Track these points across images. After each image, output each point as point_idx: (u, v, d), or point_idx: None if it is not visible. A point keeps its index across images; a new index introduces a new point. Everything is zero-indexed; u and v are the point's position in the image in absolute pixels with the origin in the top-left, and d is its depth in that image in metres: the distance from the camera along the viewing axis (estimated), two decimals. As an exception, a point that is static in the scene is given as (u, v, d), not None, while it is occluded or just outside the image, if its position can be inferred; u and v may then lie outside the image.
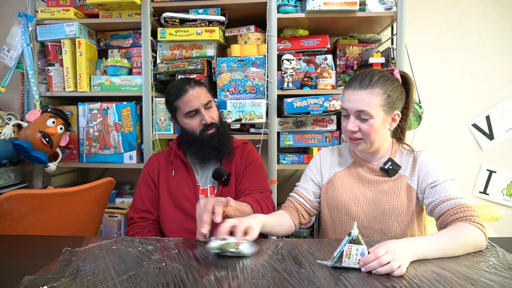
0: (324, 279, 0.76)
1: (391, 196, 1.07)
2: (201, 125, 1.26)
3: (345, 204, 1.11)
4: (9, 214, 1.15)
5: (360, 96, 1.00)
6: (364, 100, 1.00)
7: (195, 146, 1.27)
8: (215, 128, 1.27)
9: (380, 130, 1.03)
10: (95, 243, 0.97)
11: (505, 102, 2.10)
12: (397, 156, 1.11)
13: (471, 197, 2.15)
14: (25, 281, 0.75)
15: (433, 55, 2.12)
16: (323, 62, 1.84)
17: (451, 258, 0.87)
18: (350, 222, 1.10)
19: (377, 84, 1.01)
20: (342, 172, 1.15)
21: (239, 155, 1.35)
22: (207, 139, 1.26)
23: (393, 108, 1.04)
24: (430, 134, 2.12)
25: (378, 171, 1.10)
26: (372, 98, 1.00)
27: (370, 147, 1.06)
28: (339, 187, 1.13)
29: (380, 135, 1.04)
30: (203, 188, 1.31)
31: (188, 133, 1.28)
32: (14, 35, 1.86)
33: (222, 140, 1.28)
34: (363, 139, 1.04)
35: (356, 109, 1.01)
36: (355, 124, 1.03)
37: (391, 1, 1.72)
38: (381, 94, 1.01)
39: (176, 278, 0.76)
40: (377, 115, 1.00)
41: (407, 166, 1.09)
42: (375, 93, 1.00)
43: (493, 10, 2.08)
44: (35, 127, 1.65)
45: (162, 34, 1.78)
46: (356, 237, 0.80)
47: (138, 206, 1.31)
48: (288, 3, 1.73)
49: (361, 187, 1.11)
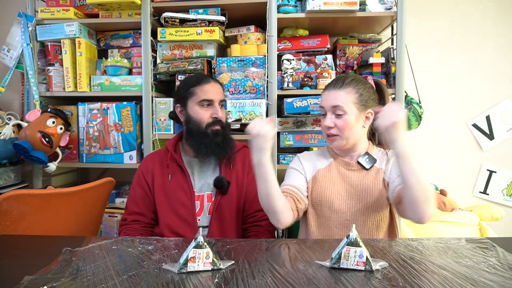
0: (323, 279, 0.76)
1: (371, 189, 1.15)
2: (210, 118, 1.27)
3: (329, 199, 1.17)
4: (9, 214, 1.14)
5: (335, 95, 1.13)
6: (338, 97, 1.12)
7: (198, 138, 1.26)
8: (221, 127, 1.28)
9: (354, 126, 1.13)
10: (95, 243, 0.97)
11: (505, 102, 2.10)
12: (373, 153, 1.21)
13: (471, 197, 2.15)
14: (25, 281, 0.75)
15: (433, 55, 2.12)
16: (323, 62, 1.84)
17: (451, 258, 0.87)
18: (333, 216, 1.17)
19: (349, 85, 1.14)
20: (324, 170, 1.21)
21: (240, 162, 1.34)
22: (212, 134, 1.25)
23: (365, 107, 1.14)
24: (430, 134, 2.12)
25: (355, 165, 1.19)
26: (345, 95, 1.12)
27: (346, 144, 1.15)
28: (322, 183, 1.19)
29: (354, 131, 1.13)
30: (199, 194, 1.30)
31: (194, 123, 1.27)
32: (14, 35, 1.86)
33: (225, 140, 1.28)
34: (339, 135, 1.13)
35: (331, 105, 1.13)
36: (332, 120, 1.13)
37: (391, 1, 1.72)
38: (353, 93, 1.13)
39: (176, 278, 0.76)
40: (350, 111, 1.11)
41: (383, 162, 1.19)
42: (347, 92, 1.13)
43: (493, 10, 2.08)
44: (35, 127, 1.65)
45: (162, 34, 1.78)
46: (354, 239, 0.80)
47: (131, 208, 1.31)
48: (288, 3, 1.73)
49: (343, 182, 1.18)
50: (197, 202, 1.28)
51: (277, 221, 1.09)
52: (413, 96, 1.81)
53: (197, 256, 0.80)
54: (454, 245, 0.96)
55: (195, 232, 1.16)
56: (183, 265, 0.79)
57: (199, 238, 0.80)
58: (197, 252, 0.80)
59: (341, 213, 1.16)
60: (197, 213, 1.27)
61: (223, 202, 1.27)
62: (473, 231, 1.70)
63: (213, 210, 1.26)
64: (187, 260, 0.79)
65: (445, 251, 0.92)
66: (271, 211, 1.07)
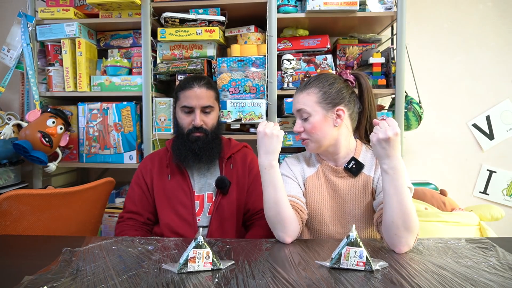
0: (323, 279, 0.76)
1: (360, 200, 1.08)
2: (191, 125, 1.25)
3: (319, 212, 1.11)
4: (9, 214, 1.14)
5: (298, 98, 1.11)
6: (299, 100, 1.09)
7: (178, 142, 1.28)
8: (203, 134, 1.25)
9: (322, 126, 1.07)
10: (95, 243, 0.97)
11: (505, 102, 2.10)
12: (361, 155, 1.12)
13: (471, 197, 2.15)
14: (25, 281, 0.75)
15: (433, 55, 2.12)
16: (323, 62, 1.84)
17: (451, 258, 0.87)
18: (324, 229, 1.11)
19: (311, 85, 1.09)
20: (312, 177, 1.15)
21: (240, 163, 1.34)
22: (190, 140, 1.25)
23: (333, 104, 1.07)
24: (430, 134, 2.12)
25: (342, 172, 1.11)
26: (307, 97, 1.08)
27: (320, 146, 1.09)
28: (311, 194, 1.13)
29: (324, 133, 1.07)
30: (199, 194, 1.30)
31: (179, 127, 1.29)
32: (14, 35, 1.86)
33: (204, 148, 1.25)
34: (309, 138, 1.09)
35: (296, 109, 1.11)
36: (300, 125, 1.10)
37: (391, 1, 1.72)
38: (315, 93, 1.08)
39: (176, 278, 0.76)
40: (314, 112, 1.07)
41: (372, 167, 1.10)
42: (309, 93, 1.08)
43: (493, 10, 2.08)
44: (35, 127, 1.65)
45: (162, 34, 1.78)
46: (354, 240, 0.80)
47: (128, 207, 1.31)
48: (288, 3, 1.73)
49: (332, 191, 1.12)
50: (196, 202, 1.28)
51: (285, 233, 1.00)
52: (413, 96, 1.82)
53: (197, 256, 0.80)
54: (454, 245, 0.96)
55: (195, 232, 1.17)
56: (183, 265, 0.79)
57: (199, 238, 0.80)
58: (197, 252, 0.80)
59: (331, 225, 1.10)
60: (197, 213, 1.27)
61: (223, 203, 1.27)
62: (473, 231, 1.69)
63: (214, 210, 1.26)
64: (187, 260, 0.79)
65: (445, 251, 0.92)
66: (279, 220, 1.00)
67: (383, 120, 0.93)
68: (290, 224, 1.00)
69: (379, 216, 0.99)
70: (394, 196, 0.90)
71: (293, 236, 1.01)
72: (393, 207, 0.90)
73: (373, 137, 0.92)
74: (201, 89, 1.25)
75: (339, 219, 1.10)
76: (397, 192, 0.90)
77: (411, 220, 0.90)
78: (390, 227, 0.91)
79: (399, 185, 0.90)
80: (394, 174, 0.91)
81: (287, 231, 1.00)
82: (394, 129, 0.89)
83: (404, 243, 0.90)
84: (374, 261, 0.82)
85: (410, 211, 0.90)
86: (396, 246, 0.91)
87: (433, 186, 2.04)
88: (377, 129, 0.92)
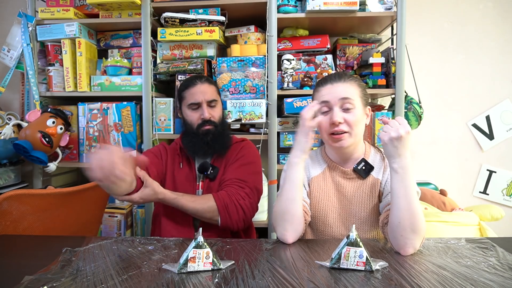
0: (323, 279, 0.76)
1: (366, 203, 1.06)
2: (200, 120, 1.29)
3: (323, 213, 1.09)
4: (9, 214, 1.14)
5: (342, 86, 1.04)
6: (346, 89, 1.03)
7: (190, 138, 1.31)
8: (213, 126, 1.30)
9: (361, 122, 1.05)
10: (95, 243, 0.97)
11: (505, 102, 2.10)
12: (370, 157, 1.10)
13: (471, 197, 2.15)
14: (25, 281, 0.75)
15: (433, 55, 2.12)
16: (323, 62, 1.84)
17: (451, 258, 0.87)
18: (327, 231, 1.09)
19: (352, 78, 1.07)
20: (317, 177, 1.12)
21: (234, 151, 1.37)
22: (202, 134, 1.29)
23: (366, 102, 1.08)
24: (430, 134, 2.12)
25: (351, 173, 1.09)
26: (351, 88, 1.04)
27: (353, 142, 1.04)
28: (316, 194, 1.10)
29: (360, 129, 1.05)
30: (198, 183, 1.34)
31: (188, 125, 1.33)
32: (14, 35, 1.86)
33: (216, 139, 1.30)
34: (349, 131, 1.02)
35: (340, 97, 1.02)
36: (341, 115, 1.01)
37: (391, 1, 1.72)
38: (356, 86, 1.05)
39: (176, 278, 0.76)
40: (358, 106, 1.03)
41: (380, 169, 1.08)
42: (352, 85, 1.05)
43: (493, 10, 2.08)
44: (35, 127, 1.65)
45: (162, 34, 1.78)
46: (354, 240, 0.80)
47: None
48: (288, 3, 1.73)
49: (337, 193, 1.09)
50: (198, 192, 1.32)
51: (288, 232, 0.98)
52: (413, 96, 1.82)
53: (197, 256, 0.80)
54: (454, 245, 0.96)
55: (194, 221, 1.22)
56: (183, 265, 0.79)
57: (199, 238, 0.80)
58: (197, 252, 0.80)
59: (335, 227, 1.08)
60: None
61: (211, 187, 1.29)
62: (473, 231, 1.69)
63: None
64: (187, 260, 0.79)
65: (445, 251, 0.92)
66: (287, 219, 0.98)
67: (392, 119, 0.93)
68: (296, 225, 0.99)
69: (385, 217, 0.98)
70: (402, 196, 0.90)
71: (295, 237, 1.00)
72: (401, 207, 0.89)
73: (385, 136, 0.91)
74: (204, 85, 1.32)
75: (344, 221, 1.08)
76: (406, 192, 0.90)
77: (418, 221, 0.89)
78: (396, 228, 0.90)
79: (408, 185, 0.90)
80: (403, 174, 0.90)
81: (292, 231, 0.99)
82: (405, 127, 0.89)
83: (409, 245, 0.89)
84: (374, 261, 0.82)
85: (418, 212, 0.89)
86: (402, 248, 0.89)
87: (433, 186, 2.04)
88: (387, 128, 0.91)
